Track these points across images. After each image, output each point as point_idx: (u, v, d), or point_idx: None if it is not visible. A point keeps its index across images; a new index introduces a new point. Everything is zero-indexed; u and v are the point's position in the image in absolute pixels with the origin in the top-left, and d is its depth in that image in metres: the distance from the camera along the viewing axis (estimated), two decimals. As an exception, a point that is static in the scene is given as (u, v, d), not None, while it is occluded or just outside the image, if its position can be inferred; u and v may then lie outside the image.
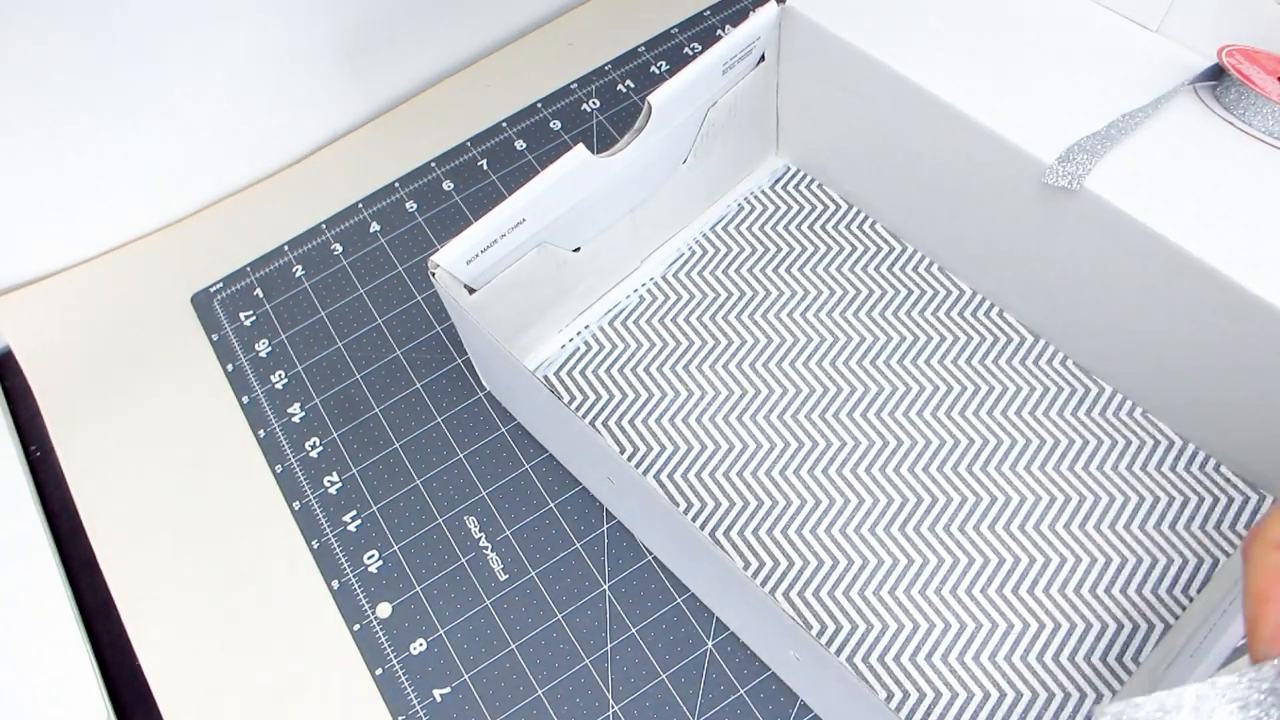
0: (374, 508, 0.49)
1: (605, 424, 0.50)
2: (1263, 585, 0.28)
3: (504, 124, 0.62)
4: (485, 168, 0.60)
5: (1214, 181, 0.41)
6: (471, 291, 0.45)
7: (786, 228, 0.56)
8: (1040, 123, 0.43)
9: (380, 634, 0.46)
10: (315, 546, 0.49)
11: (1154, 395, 0.47)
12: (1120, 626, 0.43)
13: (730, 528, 0.47)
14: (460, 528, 0.48)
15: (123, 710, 0.47)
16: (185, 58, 0.53)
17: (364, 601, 0.47)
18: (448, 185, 0.60)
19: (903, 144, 0.49)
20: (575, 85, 0.63)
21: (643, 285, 0.54)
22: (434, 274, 0.42)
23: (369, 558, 0.48)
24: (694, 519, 0.47)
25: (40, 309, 0.57)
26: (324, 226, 0.59)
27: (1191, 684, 0.24)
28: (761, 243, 0.55)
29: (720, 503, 0.48)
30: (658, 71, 0.63)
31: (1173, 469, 0.47)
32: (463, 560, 0.47)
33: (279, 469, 0.51)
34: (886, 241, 0.54)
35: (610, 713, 0.44)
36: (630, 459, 0.49)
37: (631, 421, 0.50)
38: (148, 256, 0.59)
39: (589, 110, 0.62)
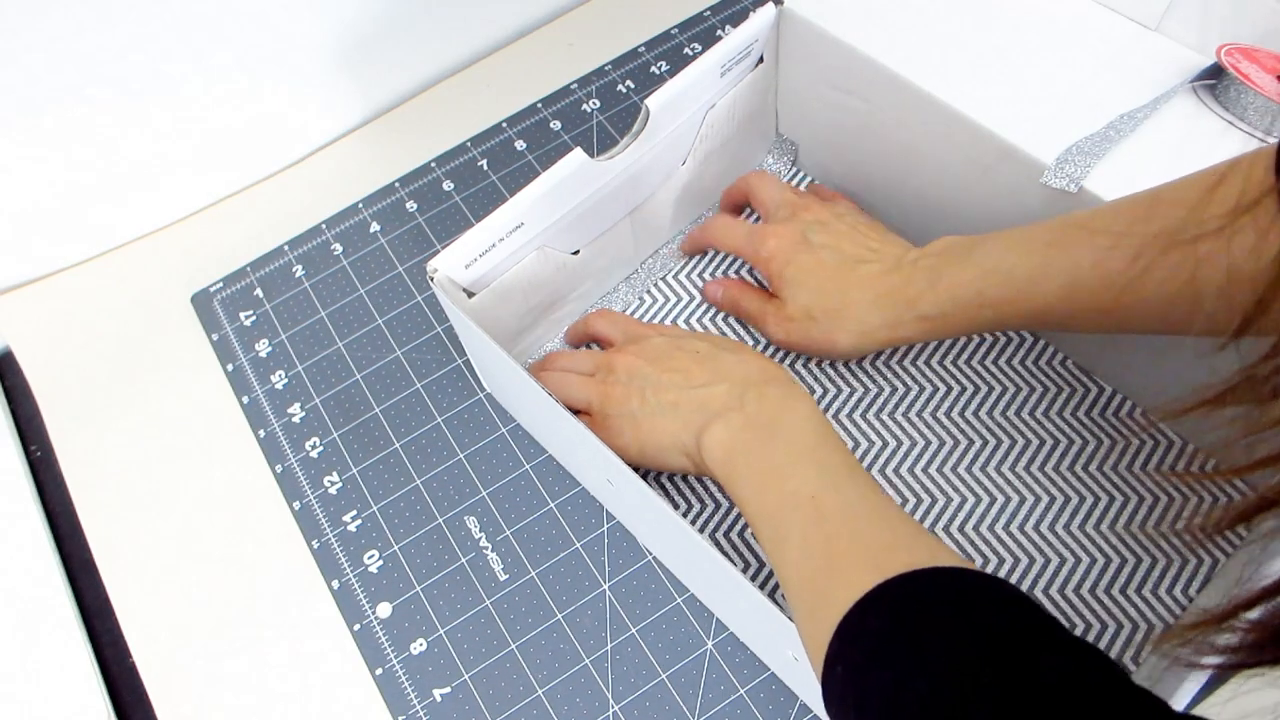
0: (374, 508, 0.49)
1: (605, 424, 0.50)
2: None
3: (504, 124, 0.62)
4: (485, 168, 0.60)
5: (1213, 182, 0.41)
6: (470, 295, 0.45)
7: (786, 228, 0.55)
8: (1040, 123, 0.43)
9: (380, 634, 0.46)
10: (315, 546, 0.49)
11: (1154, 395, 0.47)
12: (1120, 626, 0.43)
13: (730, 528, 0.47)
14: (460, 528, 0.48)
15: (122, 710, 0.47)
16: (186, 59, 0.53)
17: (364, 601, 0.47)
18: (448, 185, 0.60)
19: (902, 145, 0.49)
20: (575, 85, 0.63)
21: (642, 287, 0.54)
22: (433, 278, 0.42)
23: (369, 558, 0.48)
24: (693, 519, 0.47)
25: (40, 309, 0.57)
26: (324, 226, 0.59)
27: None
28: (761, 243, 0.55)
29: (720, 503, 0.48)
30: (658, 72, 0.63)
31: (1172, 469, 0.47)
32: (463, 560, 0.48)
33: (279, 469, 0.51)
34: (886, 241, 0.54)
35: (610, 713, 0.44)
36: (630, 459, 0.49)
37: (631, 422, 0.50)
38: (148, 256, 0.59)
39: (589, 110, 0.62)
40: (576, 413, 0.46)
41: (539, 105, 0.63)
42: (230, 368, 0.54)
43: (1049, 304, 0.38)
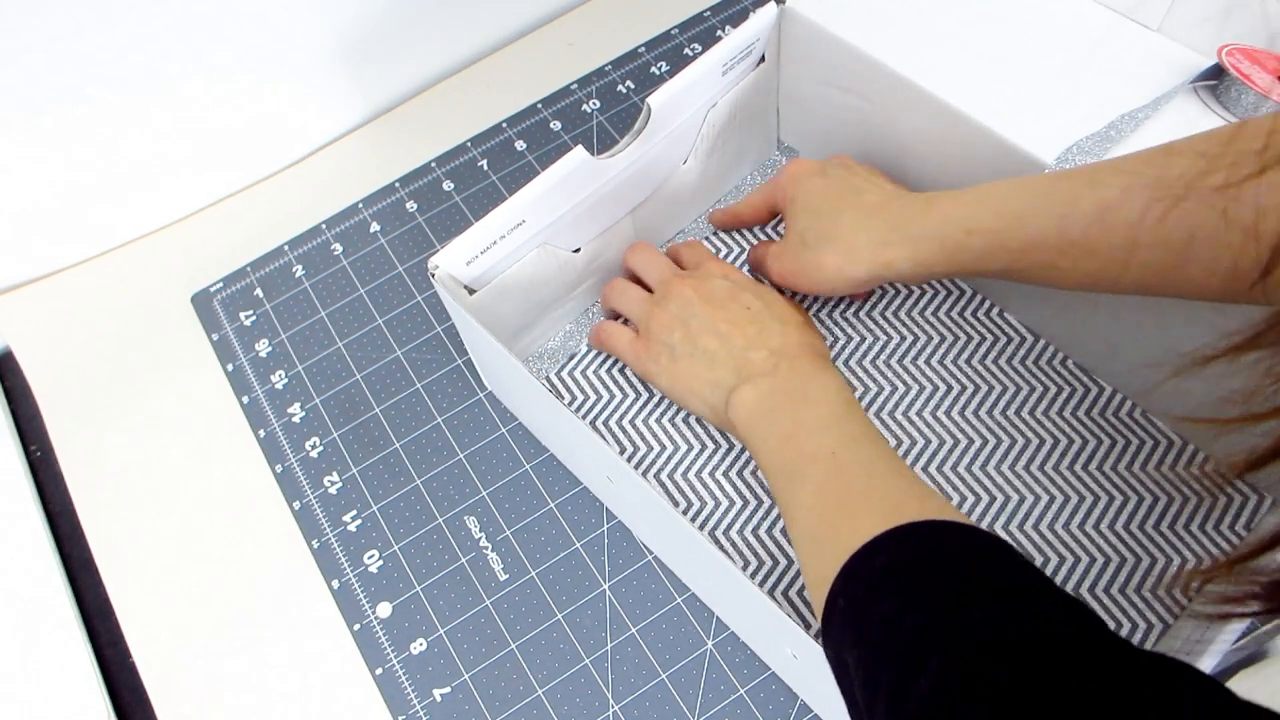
0: (374, 508, 0.49)
1: (605, 424, 0.50)
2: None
3: (504, 124, 0.62)
4: (485, 168, 0.60)
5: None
6: (471, 292, 0.45)
7: (786, 228, 0.55)
8: (1040, 122, 0.43)
9: (380, 634, 0.46)
10: (315, 546, 0.49)
11: (1154, 395, 0.47)
12: (1120, 626, 0.43)
13: (730, 527, 0.47)
14: (460, 528, 0.48)
15: (122, 710, 0.47)
16: (186, 59, 0.53)
17: (364, 601, 0.47)
18: (448, 185, 0.60)
19: (903, 144, 0.49)
20: (575, 85, 0.63)
21: (643, 285, 0.54)
22: (434, 275, 0.42)
23: (369, 558, 0.48)
24: (694, 519, 0.47)
25: (40, 309, 0.57)
26: (324, 226, 0.59)
27: None
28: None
29: (720, 502, 0.48)
30: (658, 72, 0.63)
31: (1172, 469, 0.47)
32: (463, 560, 0.48)
33: (279, 469, 0.51)
34: (886, 241, 0.54)
35: (610, 713, 0.44)
36: (630, 459, 0.49)
37: (632, 421, 0.50)
38: (148, 256, 0.59)
39: (589, 111, 0.62)
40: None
41: (539, 105, 0.63)
42: (230, 368, 0.54)
43: (1041, 236, 0.38)
